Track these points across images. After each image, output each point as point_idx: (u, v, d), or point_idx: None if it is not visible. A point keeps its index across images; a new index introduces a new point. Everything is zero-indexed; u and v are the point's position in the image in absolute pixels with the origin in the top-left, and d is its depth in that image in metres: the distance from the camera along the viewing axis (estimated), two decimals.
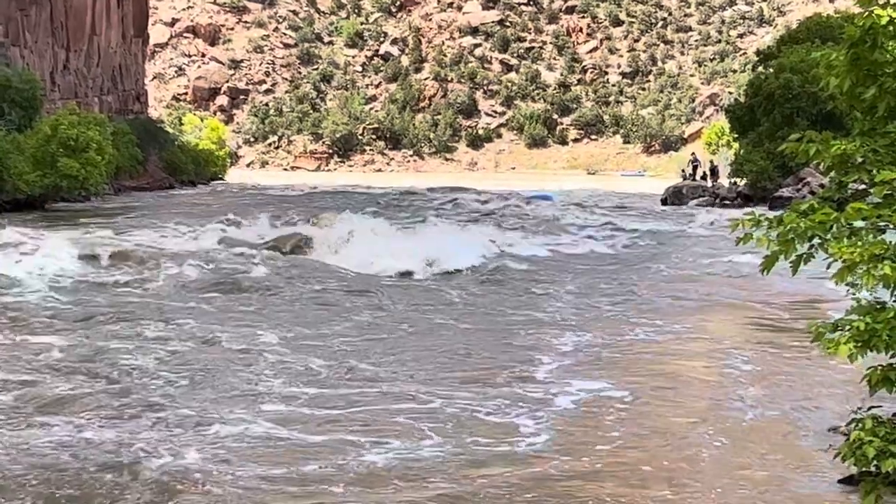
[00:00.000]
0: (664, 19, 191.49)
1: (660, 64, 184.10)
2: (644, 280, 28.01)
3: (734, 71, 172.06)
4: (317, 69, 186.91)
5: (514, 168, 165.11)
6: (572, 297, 24.56)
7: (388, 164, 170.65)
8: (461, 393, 14.33)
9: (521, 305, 23.11)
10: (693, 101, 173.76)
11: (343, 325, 20.16)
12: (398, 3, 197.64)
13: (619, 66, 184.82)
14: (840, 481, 9.80)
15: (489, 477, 10.72)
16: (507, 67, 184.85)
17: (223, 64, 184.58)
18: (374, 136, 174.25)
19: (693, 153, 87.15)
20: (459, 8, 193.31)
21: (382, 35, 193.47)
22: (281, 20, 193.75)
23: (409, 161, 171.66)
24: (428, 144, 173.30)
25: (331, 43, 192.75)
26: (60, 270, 25.91)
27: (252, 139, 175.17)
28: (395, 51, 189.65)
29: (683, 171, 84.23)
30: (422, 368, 16.06)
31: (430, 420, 12.92)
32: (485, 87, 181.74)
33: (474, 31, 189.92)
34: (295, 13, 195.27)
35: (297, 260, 29.86)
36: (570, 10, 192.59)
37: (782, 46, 69.02)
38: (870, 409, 7.39)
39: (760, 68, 70.82)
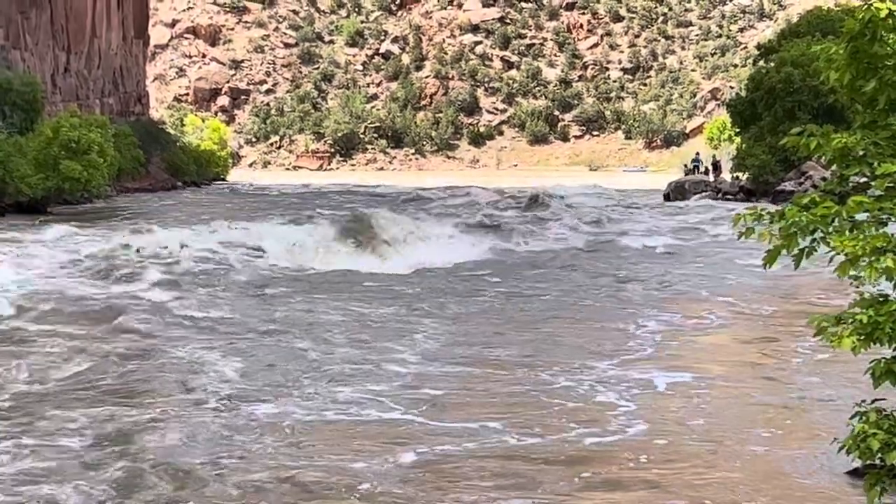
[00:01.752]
0: (664, 14, 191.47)
1: (661, 59, 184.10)
2: (700, 269, 29.11)
3: (735, 65, 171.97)
4: (318, 68, 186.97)
5: (516, 165, 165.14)
6: (643, 286, 26.02)
7: (389, 162, 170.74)
8: (580, 376, 15.31)
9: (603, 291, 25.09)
10: (694, 96, 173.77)
11: (467, 309, 22.00)
12: (398, 1, 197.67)
13: (619, 62, 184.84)
14: (847, 473, 9.85)
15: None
16: (508, 64, 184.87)
17: (224, 64, 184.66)
18: (375, 135, 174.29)
19: (697, 153, 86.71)
20: (460, 5, 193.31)
21: (383, 34, 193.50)
22: (281, 20, 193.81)
23: (410, 159, 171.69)
24: (430, 142, 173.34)
25: (331, 42, 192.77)
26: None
27: (254, 139, 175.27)
28: (395, 49, 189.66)
29: (686, 165, 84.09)
30: (537, 350, 17.27)
31: (551, 397, 13.79)
32: (486, 85, 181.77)
33: (475, 28, 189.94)
34: (295, 13, 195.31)
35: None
36: (571, 7, 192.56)
37: (783, 40, 68.87)
38: (874, 401, 7.40)
39: (761, 62, 70.67)
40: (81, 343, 17.26)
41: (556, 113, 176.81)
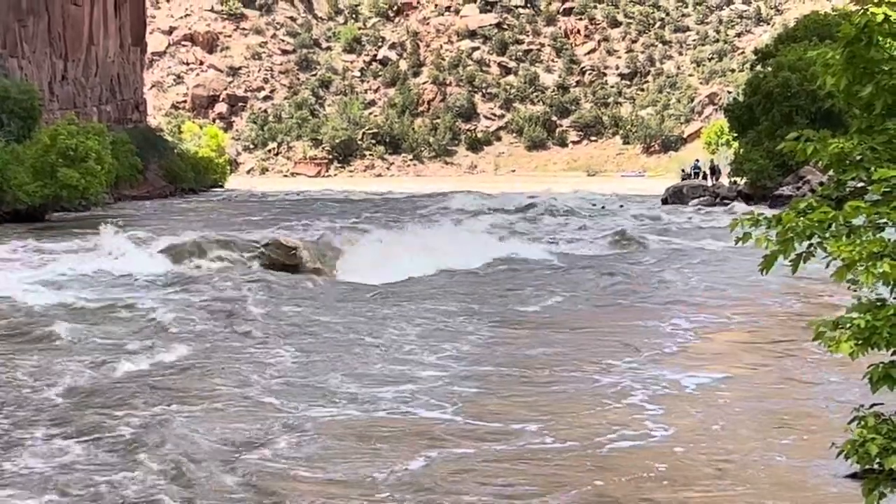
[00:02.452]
0: (662, 20, 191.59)
1: (658, 64, 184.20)
2: (723, 269, 29.67)
3: (733, 70, 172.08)
4: (315, 75, 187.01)
5: (514, 171, 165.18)
6: (671, 286, 27.03)
7: (387, 168, 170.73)
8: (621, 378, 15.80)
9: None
10: (692, 100, 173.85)
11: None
12: (396, 7, 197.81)
13: (617, 68, 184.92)
14: (846, 476, 9.86)
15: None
16: (506, 70, 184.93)
17: (221, 71, 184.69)
18: (373, 141, 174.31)
19: (697, 159, 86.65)
20: (457, 11, 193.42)
21: (380, 40, 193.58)
22: (279, 27, 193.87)
23: (409, 165, 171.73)
24: (427, 148, 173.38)
25: (329, 48, 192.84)
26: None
27: (251, 146, 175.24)
28: (393, 55, 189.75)
29: (683, 170, 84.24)
30: (574, 350, 17.93)
31: (586, 399, 14.25)
32: (483, 91, 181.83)
33: (472, 34, 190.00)
34: (293, 19, 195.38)
35: None
36: (568, 12, 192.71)
37: (780, 45, 69.00)
38: (872, 406, 7.39)
39: (759, 67, 70.77)
40: (145, 342, 18.12)
41: (554, 118, 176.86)
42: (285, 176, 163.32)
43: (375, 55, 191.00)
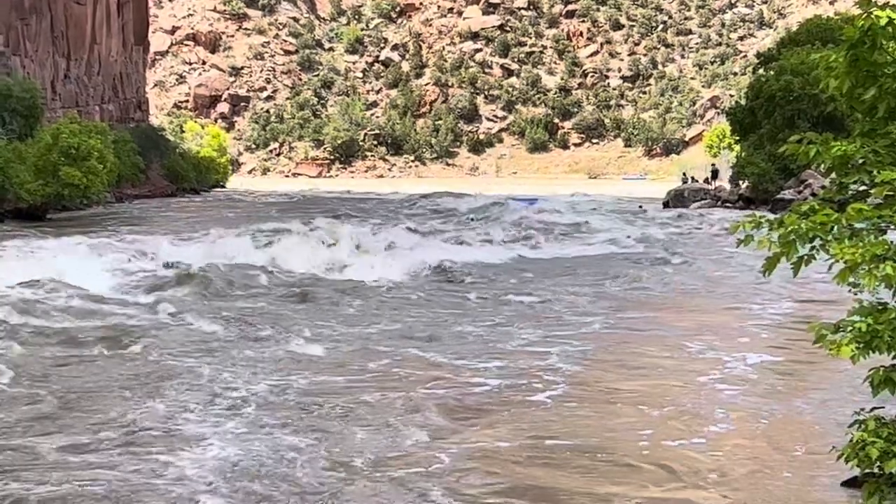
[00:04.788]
0: (664, 22, 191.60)
1: (660, 67, 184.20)
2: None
3: (735, 73, 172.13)
4: (317, 75, 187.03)
5: (515, 173, 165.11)
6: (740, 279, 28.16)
7: (389, 169, 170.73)
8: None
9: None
10: (694, 104, 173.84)
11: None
12: (398, 8, 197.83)
13: (619, 70, 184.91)
14: (844, 484, 9.76)
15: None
16: (508, 72, 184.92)
17: (224, 71, 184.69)
18: (375, 142, 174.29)
19: (713, 164, 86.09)
20: (460, 13, 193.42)
21: (383, 41, 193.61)
22: (281, 27, 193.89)
23: (410, 167, 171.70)
24: (429, 150, 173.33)
25: (331, 49, 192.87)
26: None
27: (253, 146, 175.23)
28: (395, 56, 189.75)
29: (684, 174, 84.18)
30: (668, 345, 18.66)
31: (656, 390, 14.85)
32: (485, 92, 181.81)
33: (475, 36, 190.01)
34: (295, 20, 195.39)
35: None
36: (571, 15, 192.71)
37: (782, 49, 68.93)
38: (872, 410, 7.37)
39: (761, 71, 70.68)
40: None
41: (556, 121, 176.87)
42: (286, 176, 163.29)
43: (378, 56, 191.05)
